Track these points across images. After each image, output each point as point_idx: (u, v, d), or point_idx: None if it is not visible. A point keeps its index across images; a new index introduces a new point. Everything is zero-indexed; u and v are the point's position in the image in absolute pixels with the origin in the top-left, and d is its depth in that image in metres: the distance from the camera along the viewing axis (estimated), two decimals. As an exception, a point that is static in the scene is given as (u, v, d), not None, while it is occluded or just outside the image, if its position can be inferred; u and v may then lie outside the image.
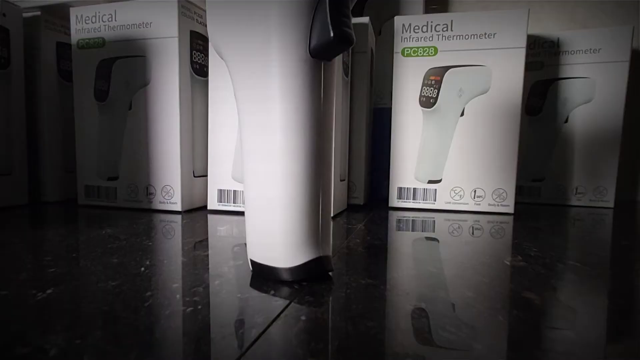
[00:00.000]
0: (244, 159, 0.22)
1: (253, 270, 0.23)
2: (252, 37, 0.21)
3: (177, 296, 0.19)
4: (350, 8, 0.20)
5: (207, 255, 0.27)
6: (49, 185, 0.49)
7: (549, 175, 0.54)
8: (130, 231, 0.34)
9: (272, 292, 0.20)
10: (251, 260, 0.23)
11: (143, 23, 0.43)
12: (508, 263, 0.26)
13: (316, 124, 0.21)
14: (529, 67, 0.53)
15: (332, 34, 0.19)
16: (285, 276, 0.21)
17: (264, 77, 0.21)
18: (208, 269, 0.24)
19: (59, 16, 0.49)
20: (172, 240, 0.31)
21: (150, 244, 0.30)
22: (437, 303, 0.19)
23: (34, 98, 0.49)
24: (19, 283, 0.21)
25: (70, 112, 0.51)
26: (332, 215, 0.42)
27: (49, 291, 0.20)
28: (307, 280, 0.22)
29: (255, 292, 0.20)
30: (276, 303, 0.19)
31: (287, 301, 0.19)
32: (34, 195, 0.50)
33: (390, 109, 0.58)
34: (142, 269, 0.23)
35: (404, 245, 0.30)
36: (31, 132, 0.49)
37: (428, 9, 0.63)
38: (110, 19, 0.44)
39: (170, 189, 0.44)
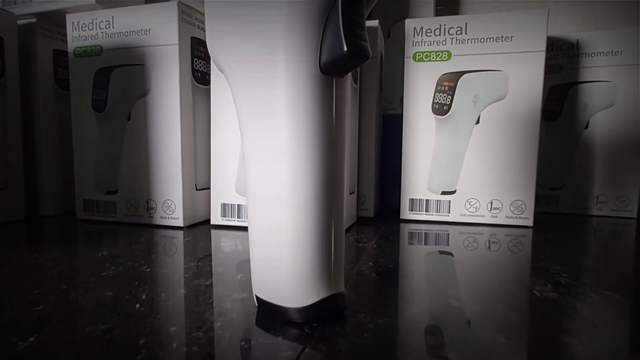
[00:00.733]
0: (247, 185, 0.20)
1: (259, 307, 0.21)
2: (255, 51, 0.19)
3: (174, 344, 0.17)
4: (366, 16, 0.18)
5: (210, 285, 0.25)
6: (47, 199, 0.48)
7: (568, 184, 0.51)
8: (128, 253, 0.32)
9: (281, 337, 0.18)
10: (256, 296, 0.21)
11: (142, 30, 0.41)
12: (538, 294, 0.23)
13: (327, 148, 0.19)
14: (547, 70, 0.51)
15: (345, 49, 0.17)
16: (295, 317, 0.19)
17: (269, 97, 0.19)
18: (210, 304, 0.22)
19: (56, 23, 0.47)
20: (172, 266, 0.29)
21: (148, 270, 0.28)
22: (466, 351, 0.17)
23: (30, 107, 0.47)
24: (0, 326, 0.19)
25: (69, 122, 0.49)
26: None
27: (31, 339, 0.18)
28: (318, 320, 0.20)
29: (261, 338, 0.18)
30: (285, 354, 0.16)
31: (298, 348, 0.17)
32: (31, 209, 0.48)
33: (400, 115, 0.55)
34: (138, 305, 0.21)
35: (419, 269, 0.28)
36: (28, 143, 0.47)
37: (437, 10, 0.61)
38: (107, 26, 0.42)
39: (171, 204, 0.42)
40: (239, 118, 0.20)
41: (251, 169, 0.20)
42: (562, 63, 0.50)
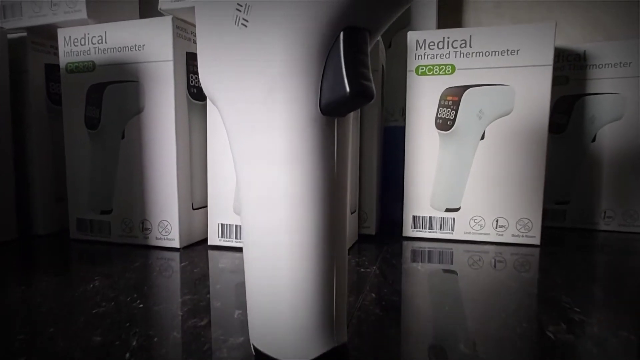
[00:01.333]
0: (243, 230, 0.19)
1: (256, 358, 0.20)
2: (251, 92, 0.17)
3: (164, 411, 0.16)
4: (369, 53, 0.17)
5: (206, 326, 0.23)
6: (40, 217, 0.46)
7: (575, 198, 0.50)
8: (121, 284, 0.30)
9: (279, 399, 0.17)
10: (253, 346, 0.19)
11: (135, 45, 0.39)
12: (552, 336, 0.22)
13: (328, 193, 0.18)
14: (553, 82, 0.49)
15: (347, 90, 0.16)
16: (294, 373, 0.18)
17: (265, 139, 0.17)
18: (205, 351, 0.20)
19: (47, 36, 0.45)
20: (167, 300, 0.27)
21: (141, 306, 0.26)
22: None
23: (21, 123, 0.46)
24: (-22, 386, 0.18)
25: (61, 137, 0.48)
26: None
27: (10, 405, 0.16)
28: (320, 374, 0.18)
29: (258, 401, 0.17)
30: None
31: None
32: (23, 228, 0.47)
33: (402, 127, 0.54)
34: (128, 355, 0.20)
35: (424, 302, 0.27)
36: (19, 161, 0.46)
37: (439, 16, 0.59)
38: (100, 41, 0.41)
39: (167, 224, 0.40)
40: (234, 157, 0.19)
41: (247, 215, 0.18)
42: (569, 74, 0.49)
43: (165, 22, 0.38)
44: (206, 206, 0.44)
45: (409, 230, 0.46)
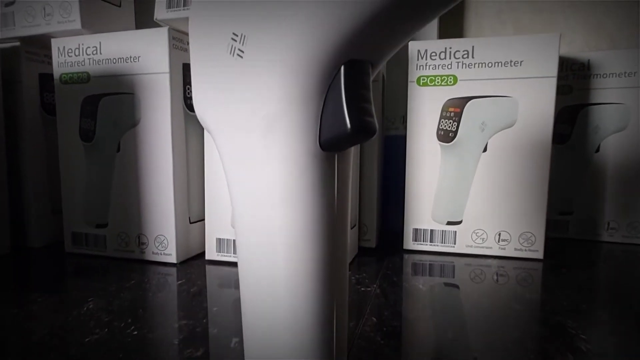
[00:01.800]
0: (240, 264, 0.18)
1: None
2: (248, 123, 0.16)
3: None
4: (370, 85, 0.16)
5: (202, 357, 0.23)
6: (35, 230, 0.46)
7: (578, 209, 0.49)
8: (116, 306, 0.30)
9: None
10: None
11: (130, 57, 0.39)
12: (558, 369, 0.21)
13: (328, 232, 0.17)
14: (557, 91, 0.49)
15: (349, 127, 0.15)
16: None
17: (262, 175, 0.17)
18: (199, 390, 0.20)
19: (41, 46, 0.45)
20: (162, 326, 0.27)
21: (135, 333, 0.26)
22: None
23: (15, 134, 0.45)
24: None
25: (56, 148, 0.47)
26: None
27: None
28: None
29: None
30: None
31: None
32: (18, 240, 0.46)
33: (402, 136, 0.53)
34: (120, 393, 0.19)
35: (427, 326, 0.26)
36: (13, 173, 0.45)
37: (440, 23, 0.58)
38: (94, 52, 0.40)
39: (163, 239, 0.40)
40: (229, 187, 0.18)
41: (243, 253, 0.18)
42: (573, 84, 0.48)
43: (161, 33, 0.38)
44: (204, 219, 0.43)
45: (409, 243, 0.45)
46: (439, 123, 0.43)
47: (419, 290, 0.33)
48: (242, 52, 0.16)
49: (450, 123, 0.42)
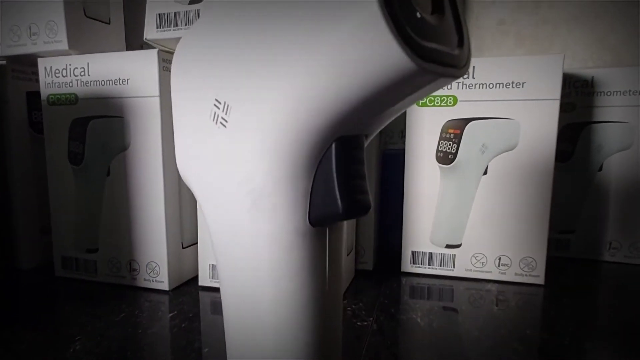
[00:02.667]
0: (227, 339, 0.17)
1: None
2: (233, 195, 0.15)
3: None
4: (364, 157, 0.15)
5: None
6: (24, 250, 0.45)
7: (580, 228, 0.48)
8: (104, 346, 0.29)
9: None
10: None
11: (119, 79, 0.37)
12: None
13: (318, 308, 0.16)
14: (560, 109, 0.47)
15: (340, 209, 0.14)
16: None
17: (248, 249, 0.15)
18: None
19: (29, 63, 0.43)
20: (150, 373, 0.26)
21: (122, 383, 0.25)
22: None
23: (3, 153, 0.43)
24: None
25: (45, 167, 0.46)
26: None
27: None
28: None
29: None
30: None
31: None
32: (7, 262, 0.45)
33: (401, 150, 0.52)
34: None
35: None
36: (1, 192, 0.44)
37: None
38: (82, 73, 0.38)
39: (155, 266, 0.39)
40: (215, 252, 0.17)
41: (230, 329, 0.17)
42: (576, 101, 0.47)
43: (150, 55, 0.36)
44: (197, 243, 0.42)
45: (407, 266, 0.44)
46: (439, 144, 0.42)
47: (417, 325, 0.32)
48: (226, 121, 0.15)
49: (449, 145, 0.41)
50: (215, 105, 0.15)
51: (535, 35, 0.55)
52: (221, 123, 0.15)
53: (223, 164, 0.15)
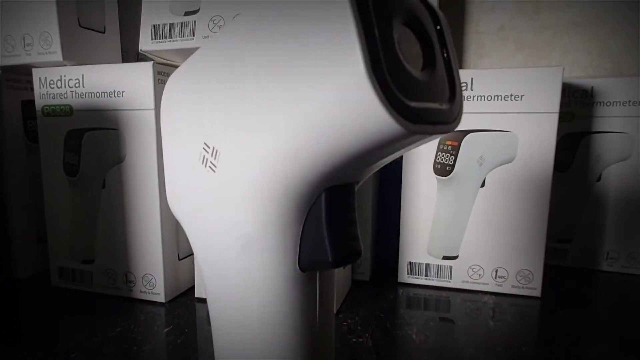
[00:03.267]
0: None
1: None
2: (224, 240, 0.15)
3: None
4: (356, 203, 0.15)
5: None
6: (20, 259, 0.44)
7: (578, 237, 0.48)
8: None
9: None
10: None
11: (114, 91, 0.37)
12: None
13: (310, 354, 0.16)
14: (559, 118, 0.47)
15: (330, 258, 0.14)
16: None
17: (239, 293, 0.15)
18: None
19: (24, 72, 0.43)
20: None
21: (116, 407, 0.25)
22: None
23: (-1, 163, 0.43)
24: None
25: (41, 176, 0.46)
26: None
27: None
28: None
29: None
30: None
31: None
32: (3, 270, 0.45)
33: (398, 162, 0.52)
34: None
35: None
36: (-2, 202, 0.44)
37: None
38: (77, 85, 0.38)
39: (151, 278, 0.39)
40: (206, 290, 0.17)
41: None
42: (575, 111, 0.46)
43: (145, 68, 0.36)
44: (193, 254, 0.42)
45: (404, 276, 0.44)
46: (436, 156, 0.41)
47: (413, 343, 0.32)
48: (215, 166, 0.15)
49: (447, 156, 0.41)
50: (204, 149, 0.15)
51: (535, 41, 0.55)
52: (210, 167, 0.15)
53: (213, 207, 0.15)
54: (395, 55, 0.11)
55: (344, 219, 0.14)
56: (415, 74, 0.11)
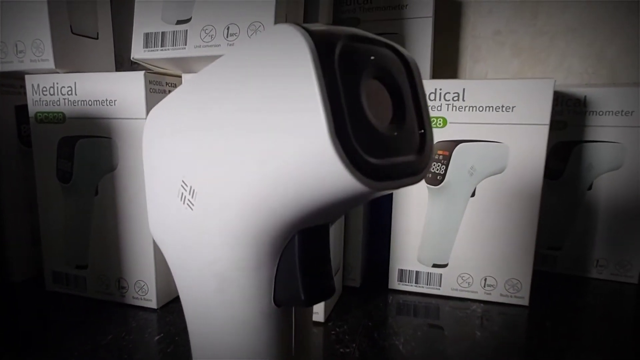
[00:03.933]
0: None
1: None
2: (201, 275, 0.16)
3: None
4: (329, 243, 0.15)
5: None
6: (15, 263, 0.45)
7: (567, 244, 0.49)
8: (89, 376, 0.29)
9: None
10: None
11: (107, 100, 0.37)
12: None
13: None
14: (551, 126, 0.47)
15: (303, 298, 0.14)
16: None
17: (216, 327, 0.16)
18: None
19: (17, 76, 0.43)
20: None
21: (104, 419, 0.25)
22: None
23: (-6, 167, 0.44)
24: None
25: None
26: (323, 321, 0.37)
27: None
28: None
29: None
30: None
31: None
32: None
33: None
34: None
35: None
36: (-7, 206, 0.44)
37: (435, 34, 0.56)
38: (70, 92, 0.38)
39: (144, 285, 0.39)
40: (186, 319, 0.17)
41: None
42: (567, 119, 0.46)
43: (136, 77, 0.36)
44: (186, 259, 0.43)
45: (394, 283, 0.44)
46: (427, 165, 0.41)
47: (399, 353, 0.33)
48: (192, 204, 0.15)
49: (438, 166, 0.41)
50: (182, 186, 0.15)
51: (531, 46, 0.55)
52: (188, 205, 0.15)
53: (191, 241, 0.15)
54: (362, 114, 0.11)
55: (317, 258, 0.14)
56: (382, 130, 0.11)
